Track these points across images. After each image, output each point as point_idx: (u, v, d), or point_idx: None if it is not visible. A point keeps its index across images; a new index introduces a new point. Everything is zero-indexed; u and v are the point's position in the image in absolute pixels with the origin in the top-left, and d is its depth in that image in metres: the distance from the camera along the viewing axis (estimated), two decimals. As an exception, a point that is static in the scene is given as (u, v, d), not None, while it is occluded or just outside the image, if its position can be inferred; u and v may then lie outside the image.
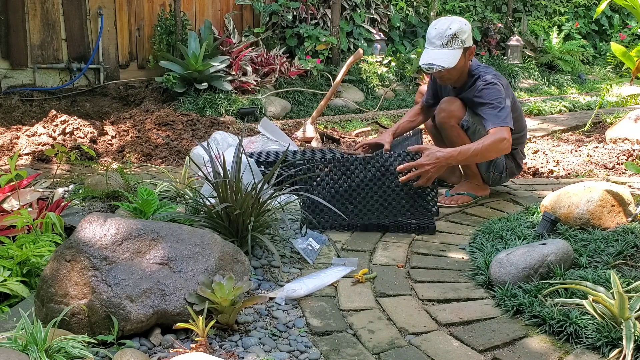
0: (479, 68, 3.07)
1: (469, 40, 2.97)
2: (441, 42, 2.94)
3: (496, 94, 2.93)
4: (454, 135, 3.10)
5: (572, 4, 9.78)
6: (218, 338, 1.81)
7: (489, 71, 3.06)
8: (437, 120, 3.15)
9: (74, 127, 4.36)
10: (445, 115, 3.08)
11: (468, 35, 2.97)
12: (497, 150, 2.88)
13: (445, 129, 3.12)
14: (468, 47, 2.98)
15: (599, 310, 1.83)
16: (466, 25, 2.97)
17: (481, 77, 3.01)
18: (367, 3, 7.51)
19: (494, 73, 3.06)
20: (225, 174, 2.35)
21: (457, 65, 2.96)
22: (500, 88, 2.96)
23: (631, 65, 3.86)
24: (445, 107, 3.09)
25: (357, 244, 2.62)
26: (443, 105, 3.10)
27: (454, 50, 2.93)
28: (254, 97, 5.62)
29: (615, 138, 4.63)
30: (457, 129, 3.09)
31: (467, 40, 2.96)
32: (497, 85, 2.96)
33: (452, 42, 2.92)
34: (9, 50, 5.21)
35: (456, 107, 3.08)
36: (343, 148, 4.63)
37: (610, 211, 2.57)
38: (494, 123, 2.88)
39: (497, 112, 2.90)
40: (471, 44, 3.00)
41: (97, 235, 1.81)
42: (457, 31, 2.92)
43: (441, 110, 3.10)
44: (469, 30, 2.98)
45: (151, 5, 6.03)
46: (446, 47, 2.93)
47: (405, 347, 1.81)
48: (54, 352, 1.57)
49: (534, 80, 7.91)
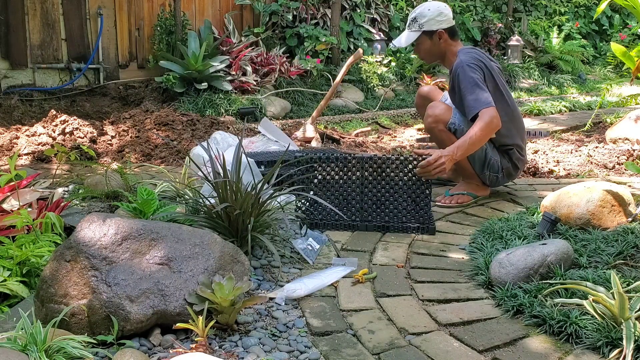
0: (460, 51, 3.13)
1: (432, 24, 3.13)
2: (407, 23, 3.23)
3: (464, 78, 2.97)
4: (443, 138, 3.13)
5: (572, 4, 9.78)
6: (218, 338, 1.81)
7: (462, 55, 3.08)
8: (425, 126, 3.23)
9: (73, 127, 4.36)
10: (432, 121, 3.13)
11: (429, 19, 3.12)
12: (490, 130, 2.90)
13: (435, 134, 3.17)
14: (431, 30, 3.13)
15: (599, 311, 1.83)
16: (430, 10, 3.13)
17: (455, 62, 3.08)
18: (367, 3, 7.51)
19: (469, 54, 3.07)
20: (225, 174, 2.35)
21: (421, 47, 3.21)
22: (464, 67, 2.98)
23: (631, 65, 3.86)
24: (431, 113, 3.13)
25: (357, 244, 2.62)
26: (429, 111, 3.14)
27: (410, 32, 3.20)
28: (253, 97, 5.62)
29: (616, 138, 4.63)
30: (445, 133, 3.12)
31: (427, 23, 3.13)
32: (461, 67, 3.00)
33: (412, 24, 3.18)
34: (8, 50, 5.21)
35: (440, 110, 3.11)
36: (343, 148, 4.63)
37: (610, 211, 2.56)
38: (475, 108, 2.92)
39: (470, 95, 2.94)
40: (437, 29, 3.13)
41: (96, 235, 1.80)
42: (417, 15, 3.16)
43: (427, 116, 3.15)
44: (436, 15, 3.13)
45: (151, 5, 6.03)
46: (407, 29, 3.22)
47: (405, 347, 1.80)
48: (53, 352, 1.57)
49: (534, 80, 7.91)
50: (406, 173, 2.79)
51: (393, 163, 2.80)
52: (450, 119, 3.10)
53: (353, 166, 2.82)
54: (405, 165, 2.79)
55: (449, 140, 3.10)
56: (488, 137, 2.96)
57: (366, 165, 2.81)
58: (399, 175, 2.80)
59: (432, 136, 3.26)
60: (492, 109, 2.89)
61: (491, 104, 2.90)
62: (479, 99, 2.91)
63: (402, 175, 2.80)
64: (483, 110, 2.89)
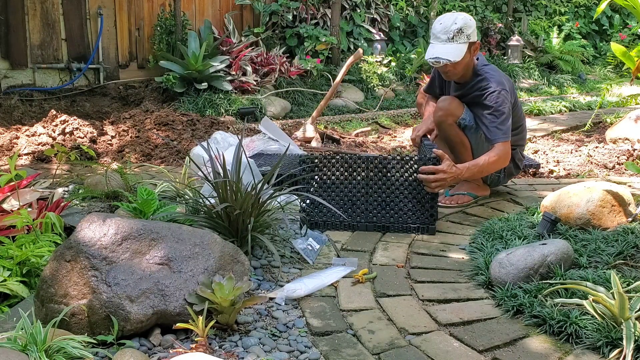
0: (484, 68, 3.06)
1: (473, 35, 2.98)
2: (447, 36, 2.93)
3: (501, 101, 2.95)
4: (452, 133, 3.11)
5: (572, 4, 9.78)
6: (218, 338, 1.81)
7: (495, 74, 3.03)
8: (435, 119, 3.14)
9: (73, 127, 4.36)
10: (442, 114, 3.08)
11: (473, 30, 2.97)
12: (500, 166, 3.03)
13: (443, 128, 3.12)
14: (473, 42, 2.97)
15: (599, 311, 1.83)
16: (471, 20, 2.98)
17: (487, 79, 3.00)
18: (367, 3, 7.51)
19: (501, 76, 3.05)
20: (225, 174, 2.35)
21: (463, 60, 2.95)
22: (506, 95, 2.97)
23: (631, 65, 3.86)
24: (442, 106, 3.09)
25: (357, 244, 2.62)
26: (440, 104, 3.10)
27: (459, 45, 2.92)
28: (254, 97, 5.62)
29: (616, 138, 4.63)
30: (454, 128, 3.10)
31: (472, 35, 2.96)
32: (503, 92, 2.97)
33: (458, 36, 2.92)
34: (8, 50, 5.21)
35: (454, 105, 3.08)
36: (343, 148, 4.63)
37: (610, 211, 2.56)
38: (497, 137, 2.93)
39: (499, 123, 2.93)
40: (476, 39, 2.99)
41: (96, 235, 1.80)
42: (463, 26, 2.92)
43: (438, 109, 3.10)
44: (474, 25, 2.99)
45: (151, 5, 6.03)
46: (452, 42, 2.92)
47: (405, 347, 1.80)
48: (53, 352, 1.57)
49: (534, 80, 7.91)
50: (411, 174, 2.77)
51: (398, 163, 2.78)
52: (462, 114, 3.09)
53: (358, 166, 2.80)
54: (411, 166, 2.77)
55: (457, 136, 3.09)
56: (496, 169, 3.06)
57: (371, 166, 2.80)
58: (404, 176, 2.78)
59: (440, 131, 3.16)
60: (508, 146, 2.97)
61: (509, 137, 2.96)
62: (503, 130, 2.94)
63: (407, 175, 2.77)
64: (502, 143, 2.94)
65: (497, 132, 2.93)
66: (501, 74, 3.09)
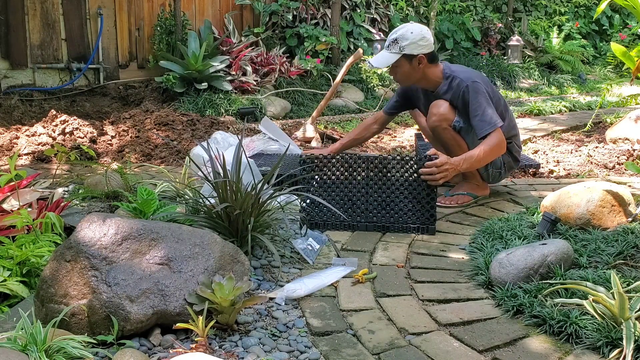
0: (451, 67, 3.12)
1: (413, 48, 2.99)
2: (387, 43, 3.07)
3: (475, 93, 2.98)
4: (447, 137, 3.10)
5: (572, 4, 9.79)
6: (218, 338, 1.81)
7: (463, 70, 3.10)
8: (429, 124, 3.15)
9: (73, 127, 4.36)
10: (436, 119, 3.09)
11: (411, 42, 2.99)
12: (497, 153, 3.01)
13: (439, 133, 3.12)
14: (412, 55, 3.00)
15: (599, 311, 1.83)
16: (413, 33, 2.99)
17: (456, 77, 3.05)
18: (367, 3, 7.51)
19: (470, 72, 3.10)
20: (225, 174, 2.35)
21: (399, 70, 3.07)
22: (478, 85, 3.00)
23: (631, 65, 3.86)
24: (435, 111, 3.09)
25: (357, 244, 2.62)
26: (433, 110, 3.10)
27: (390, 54, 3.04)
28: (254, 97, 5.62)
29: (616, 138, 4.63)
30: (449, 131, 3.10)
31: (408, 47, 2.99)
32: (475, 84, 3.00)
33: (392, 45, 3.03)
34: (8, 50, 5.21)
35: (445, 109, 3.08)
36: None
37: (610, 211, 2.56)
38: (484, 129, 2.95)
39: (481, 116, 2.96)
40: (418, 53, 3.00)
41: (96, 235, 1.80)
42: (399, 37, 3.01)
43: (432, 115, 3.10)
44: (418, 39, 2.99)
45: (151, 5, 6.03)
46: (386, 49, 3.07)
47: (405, 347, 1.80)
48: (53, 352, 1.57)
49: (534, 80, 7.91)
50: (411, 174, 2.77)
51: (398, 163, 2.78)
52: (456, 117, 3.09)
53: (358, 166, 2.81)
54: (411, 166, 2.77)
55: (453, 139, 3.09)
56: (494, 158, 3.05)
57: (371, 166, 2.80)
58: (404, 176, 2.78)
59: (435, 135, 3.17)
60: (499, 132, 2.96)
61: (498, 124, 2.96)
62: (489, 120, 2.95)
63: (407, 175, 2.78)
64: (493, 133, 2.94)
65: (483, 124, 2.95)
66: (470, 69, 3.15)
